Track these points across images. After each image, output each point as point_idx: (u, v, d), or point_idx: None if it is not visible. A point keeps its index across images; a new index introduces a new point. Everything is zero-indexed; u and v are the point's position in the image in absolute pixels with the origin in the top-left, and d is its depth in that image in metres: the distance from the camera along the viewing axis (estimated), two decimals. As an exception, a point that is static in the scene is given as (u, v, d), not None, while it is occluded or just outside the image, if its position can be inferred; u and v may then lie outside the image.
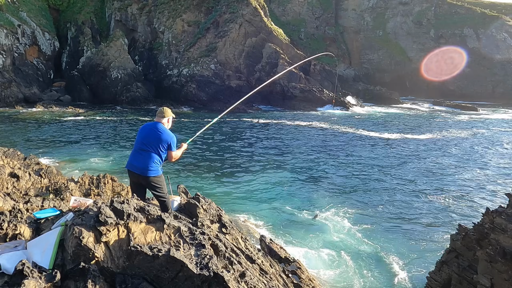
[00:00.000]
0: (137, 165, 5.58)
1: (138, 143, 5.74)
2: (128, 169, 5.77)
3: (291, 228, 12.43)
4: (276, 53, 47.20)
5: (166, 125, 5.87)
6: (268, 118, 37.33)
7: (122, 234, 3.82)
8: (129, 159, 5.76)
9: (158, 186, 5.70)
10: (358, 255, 10.79)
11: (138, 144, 5.72)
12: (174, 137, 5.85)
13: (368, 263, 10.39)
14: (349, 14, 67.46)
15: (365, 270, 10.05)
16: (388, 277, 9.70)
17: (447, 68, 57.46)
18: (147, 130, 5.74)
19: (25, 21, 45.28)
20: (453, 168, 20.34)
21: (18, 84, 40.76)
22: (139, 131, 5.87)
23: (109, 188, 13.71)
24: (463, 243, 6.51)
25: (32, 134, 26.75)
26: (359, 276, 9.73)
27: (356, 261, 10.43)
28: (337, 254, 10.76)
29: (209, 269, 3.62)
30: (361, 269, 10.06)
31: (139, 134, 5.81)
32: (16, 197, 10.26)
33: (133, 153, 5.74)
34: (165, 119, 5.86)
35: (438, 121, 38.57)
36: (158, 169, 5.70)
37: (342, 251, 10.98)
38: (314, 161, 21.20)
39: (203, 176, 18.11)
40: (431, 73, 57.13)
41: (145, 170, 5.54)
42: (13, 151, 16.43)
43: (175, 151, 5.81)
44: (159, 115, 5.85)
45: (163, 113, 5.86)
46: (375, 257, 10.67)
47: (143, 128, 5.87)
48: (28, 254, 3.87)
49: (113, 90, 44.97)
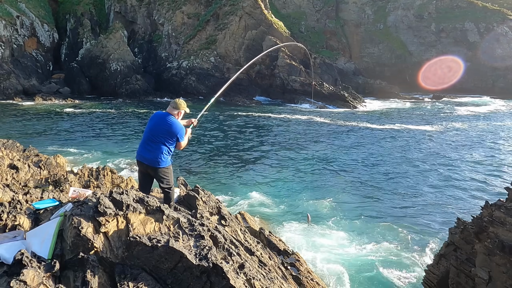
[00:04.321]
0: (147, 156, 5.58)
1: (147, 133, 5.69)
2: (137, 160, 5.76)
3: (291, 221, 12.46)
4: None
5: (176, 117, 5.79)
6: (267, 112, 37.26)
7: (121, 224, 3.82)
8: (139, 149, 5.72)
9: (166, 177, 5.74)
10: (355, 247, 10.83)
11: (147, 134, 5.67)
12: (183, 128, 5.82)
13: (366, 255, 10.43)
14: (350, 7, 67.06)
15: (363, 263, 10.09)
16: (386, 269, 9.75)
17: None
18: (157, 120, 5.68)
19: (24, 12, 44.98)
20: (452, 161, 20.35)
21: (17, 76, 40.62)
22: (149, 120, 5.81)
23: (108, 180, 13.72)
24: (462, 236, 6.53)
25: (31, 126, 26.70)
26: (357, 269, 9.77)
27: (354, 254, 10.47)
28: (335, 247, 10.80)
29: (208, 260, 3.62)
30: (359, 262, 10.11)
31: (149, 123, 5.77)
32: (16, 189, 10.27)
33: (142, 143, 5.69)
34: (177, 111, 5.78)
35: (438, 115, 38.52)
36: (168, 160, 5.73)
37: (340, 243, 11.02)
38: (315, 155, 21.20)
39: (202, 168, 18.12)
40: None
41: (155, 161, 5.57)
42: (12, 142, 16.43)
43: (183, 141, 5.83)
44: (172, 106, 5.77)
45: (176, 104, 5.78)
46: (373, 250, 10.71)
47: (154, 117, 5.80)
48: (27, 244, 3.87)
49: (113, 82, 44.83)
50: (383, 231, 11.93)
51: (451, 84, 56.60)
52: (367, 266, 9.94)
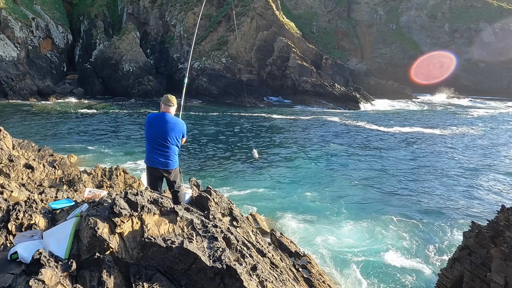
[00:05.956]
0: (161, 161, 5.57)
1: (154, 137, 5.58)
2: (149, 166, 5.68)
3: (302, 223, 12.42)
4: (288, 46, 46.90)
5: (173, 113, 5.69)
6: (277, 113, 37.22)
7: (136, 225, 3.86)
8: (150, 155, 5.63)
9: (178, 178, 5.84)
10: (368, 250, 10.75)
11: (154, 139, 5.57)
12: (184, 123, 5.82)
13: (378, 258, 10.35)
14: (361, 7, 66.56)
15: (375, 266, 10.01)
16: (399, 273, 9.66)
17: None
18: (160, 123, 5.57)
19: (39, 14, 45.72)
20: (466, 163, 20.06)
21: (32, 77, 41.27)
22: (149, 125, 5.66)
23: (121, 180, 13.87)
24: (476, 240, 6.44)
25: (46, 126, 27.13)
26: (369, 272, 9.70)
27: (366, 257, 10.40)
28: (347, 249, 10.74)
29: (222, 261, 3.64)
30: (371, 265, 10.03)
31: (151, 129, 5.63)
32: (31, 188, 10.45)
33: (152, 149, 5.60)
34: (173, 108, 5.65)
35: (451, 117, 38.00)
36: (177, 159, 5.80)
37: (352, 246, 10.95)
38: (326, 155, 21.11)
39: (213, 169, 18.18)
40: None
41: (169, 164, 5.64)
42: (28, 142, 16.70)
43: (186, 136, 5.86)
44: (167, 104, 5.61)
45: (170, 101, 5.62)
46: (385, 253, 10.62)
47: (154, 120, 5.64)
48: (44, 244, 3.94)
49: (125, 83, 45.28)
50: (394, 233, 11.82)
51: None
52: (378, 269, 9.87)
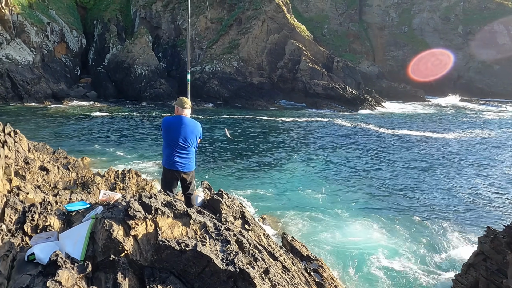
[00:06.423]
0: (183, 163, 5.68)
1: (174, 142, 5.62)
2: (171, 169, 5.69)
3: (314, 227, 12.37)
4: (299, 49, 46.88)
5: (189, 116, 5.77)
6: (288, 116, 37.20)
7: (150, 228, 3.90)
8: (171, 159, 5.66)
9: (193, 179, 6.00)
10: (380, 255, 10.64)
11: (175, 143, 5.62)
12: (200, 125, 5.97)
13: (391, 264, 10.24)
14: (373, 10, 66.21)
15: (387, 271, 9.91)
16: (413, 279, 9.54)
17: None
18: (179, 127, 5.63)
19: (54, 19, 46.57)
20: (482, 168, 19.76)
21: (47, 80, 42.01)
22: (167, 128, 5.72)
23: (133, 182, 14.02)
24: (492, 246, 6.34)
25: (60, 128, 27.56)
26: (381, 278, 9.61)
27: (378, 262, 10.30)
28: (359, 254, 10.66)
29: (235, 265, 3.66)
30: (384, 271, 9.93)
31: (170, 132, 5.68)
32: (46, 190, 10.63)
33: (172, 152, 5.64)
34: (189, 110, 5.74)
35: (465, 120, 37.50)
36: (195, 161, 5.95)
37: (364, 251, 10.86)
38: (340, 159, 21.00)
39: (224, 172, 18.24)
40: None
41: (190, 166, 5.80)
42: (43, 145, 17.00)
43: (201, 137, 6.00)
44: (184, 107, 5.68)
45: (186, 104, 5.70)
46: (398, 258, 10.51)
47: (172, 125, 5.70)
48: (61, 245, 4.01)
49: (137, 86, 45.76)
50: (408, 237, 11.69)
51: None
52: (391, 273, 9.76)
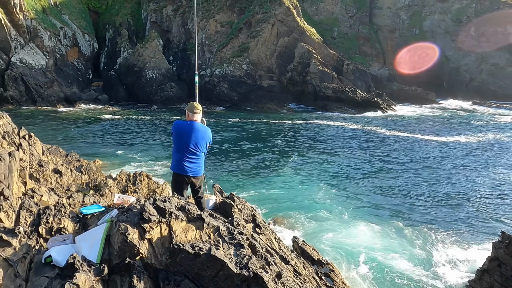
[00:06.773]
0: (193, 168, 5.70)
1: (185, 147, 5.63)
2: (180, 174, 5.70)
3: (324, 230, 12.33)
4: (309, 52, 46.85)
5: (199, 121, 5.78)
6: (298, 119, 37.15)
7: (164, 231, 3.94)
8: (180, 163, 5.67)
9: (202, 183, 6.00)
10: (393, 261, 10.56)
11: (186, 148, 5.63)
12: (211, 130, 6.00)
13: (404, 269, 10.15)
14: (384, 12, 65.87)
15: (400, 277, 9.82)
16: (425, 284, 9.44)
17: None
18: (191, 132, 5.64)
19: (66, 24, 47.32)
20: (496, 172, 19.48)
21: (59, 84, 42.64)
22: (178, 134, 5.72)
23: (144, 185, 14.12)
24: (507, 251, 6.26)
25: (72, 131, 27.94)
26: (394, 284, 9.53)
27: (391, 268, 10.22)
28: (372, 259, 10.58)
29: (249, 269, 3.68)
30: (397, 276, 9.84)
31: (181, 137, 5.69)
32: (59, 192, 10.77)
33: (182, 157, 5.66)
34: (200, 115, 5.73)
35: (476, 123, 37.02)
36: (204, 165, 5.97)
37: (377, 255, 10.78)
38: (349, 162, 20.91)
39: (233, 174, 18.28)
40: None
41: (199, 170, 5.81)
42: (56, 148, 17.23)
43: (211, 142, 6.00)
44: (195, 112, 5.69)
45: (196, 109, 5.70)
46: (411, 264, 10.41)
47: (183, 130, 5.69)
48: (77, 248, 4.07)
49: (148, 90, 46.18)
50: (420, 242, 11.58)
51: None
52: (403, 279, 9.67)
